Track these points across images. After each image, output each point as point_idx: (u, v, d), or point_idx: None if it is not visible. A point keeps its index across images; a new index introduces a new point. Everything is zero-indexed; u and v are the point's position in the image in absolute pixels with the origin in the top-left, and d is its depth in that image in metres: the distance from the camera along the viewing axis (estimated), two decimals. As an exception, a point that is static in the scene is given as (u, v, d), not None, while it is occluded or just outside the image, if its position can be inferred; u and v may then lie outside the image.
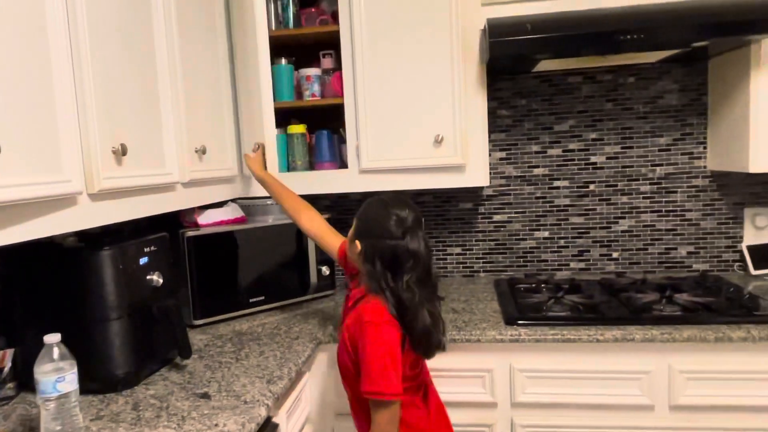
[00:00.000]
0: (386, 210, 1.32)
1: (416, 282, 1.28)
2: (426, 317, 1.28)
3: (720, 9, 1.69)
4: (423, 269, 1.30)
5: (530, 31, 1.73)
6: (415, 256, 1.28)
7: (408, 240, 1.28)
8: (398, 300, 1.28)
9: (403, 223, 1.29)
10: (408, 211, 1.31)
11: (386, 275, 1.29)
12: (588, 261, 2.29)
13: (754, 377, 1.60)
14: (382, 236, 1.30)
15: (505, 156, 2.30)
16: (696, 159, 2.18)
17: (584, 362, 1.66)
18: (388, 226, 1.30)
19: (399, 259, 1.28)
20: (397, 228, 1.29)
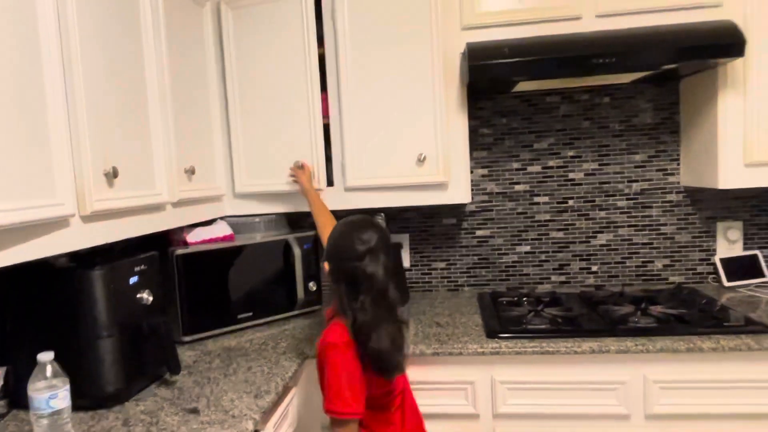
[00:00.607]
0: (351, 232, 1.37)
1: (371, 303, 1.31)
2: (383, 338, 1.30)
3: (686, 34, 1.78)
4: (378, 291, 1.32)
5: (508, 55, 1.81)
6: (371, 278, 1.31)
7: (366, 262, 1.32)
8: (354, 320, 1.32)
9: (364, 245, 1.33)
10: (371, 233, 1.35)
11: (347, 296, 1.34)
12: (568, 274, 2.35)
13: (724, 386, 1.66)
14: (345, 257, 1.35)
15: (487, 173, 2.37)
16: (670, 175, 2.27)
17: (563, 374, 1.72)
18: (350, 247, 1.34)
19: (357, 280, 1.32)
20: (357, 250, 1.33)
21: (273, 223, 2.15)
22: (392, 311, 1.36)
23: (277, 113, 2.05)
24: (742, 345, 1.63)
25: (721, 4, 1.87)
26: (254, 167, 2.09)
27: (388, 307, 1.34)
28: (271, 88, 2.05)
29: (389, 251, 1.39)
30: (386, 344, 1.31)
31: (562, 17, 1.92)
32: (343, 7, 1.99)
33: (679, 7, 1.88)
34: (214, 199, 2.02)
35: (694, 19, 1.87)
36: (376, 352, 1.31)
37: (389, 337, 1.32)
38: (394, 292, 1.35)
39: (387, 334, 1.32)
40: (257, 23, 2.03)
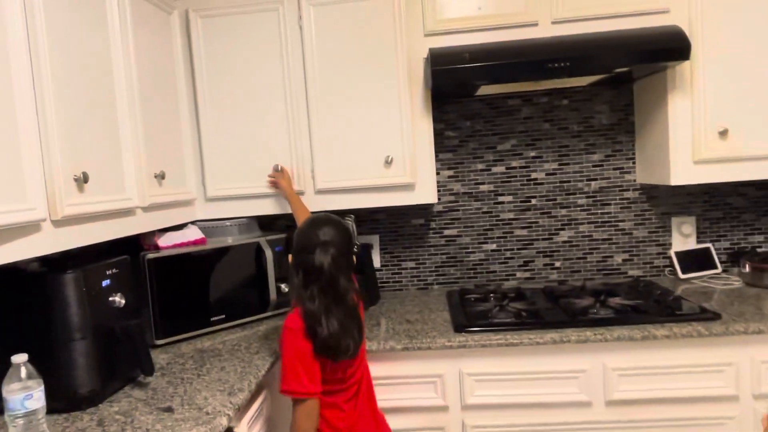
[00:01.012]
0: (310, 228, 1.48)
1: (319, 292, 1.42)
2: (333, 324, 1.41)
3: (636, 39, 1.88)
4: (326, 281, 1.43)
5: (468, 60, 1.89)
6: (320, 268, 1.42)
7: (317, 254, 1.42)
8: (305, 308, 1.43)
9: (318, 239, 1.44)
10: (328, 228, 1.46)
11: (301, 285, 1.45)
12: (533, 270, 2.44)
13: (678, 371, 1.76)
14: (300, 250, 1.47)
15: (453, 174, 2.44)
16: (626, 173, 2.37)
17: (527, 364, 1.79)
18: (306, 241, 1.46)
19: (308, 271, 1.44)
20: (311, 243, 1.44)
21: (244, 227, 2.19)
22: (342, 300, 1.45)
23: (251, 119, 2.10)
24: (693, 332, 1.73)
25: (668, 10, 1.98)
26: (226, 171, 2.12)
27: (336, 295, 1.44)
28: (244, 94, 2.09)
29: (346, 246, 1.48)
30: (335, 328, 1.41)
31: (520, 23, 2.01)
32: (309, 15, 2.04)
33: (630, 13, 1.99)
34: (184, 204, 2.04)
35: (644, 24, 1.97)
36: (325, 337, 1.41)
37: (338, 322, 1.42)
38: (345, 283, 1.45)
39: (336, 320, 1.42)
40: (229, 31, 2.07)
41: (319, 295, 1.42)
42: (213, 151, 2.12)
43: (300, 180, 2.10)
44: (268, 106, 2.09)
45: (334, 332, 1.41)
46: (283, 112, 2.08)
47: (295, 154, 2.09)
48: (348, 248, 1.50)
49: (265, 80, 2.08)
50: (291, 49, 2.06)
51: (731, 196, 2.36)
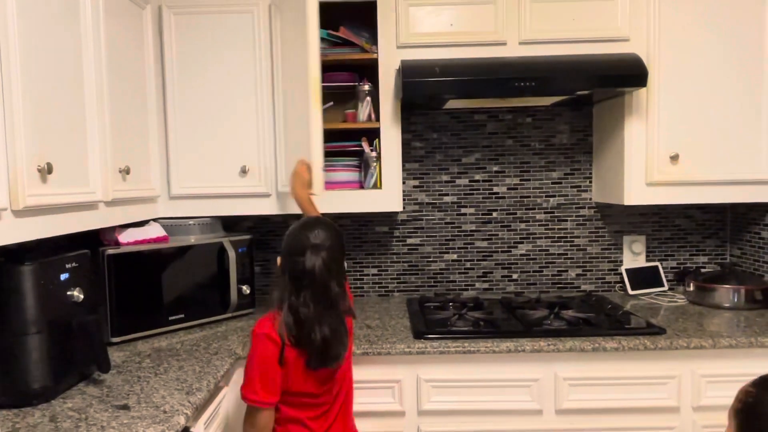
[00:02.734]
0: (301, 230, 1.44)
1: (312, 298, 1.39)
2: (325, 330, 1.39)
3: (597, 64, 1.98)
4: (318, 287, 1.39)
5: (438, 74, 1.94)
6: (310, 273, 1.38)
7: (307, 257, 1.39)
8: (296, 314, 1.39)
9: (309, 241, 1.40)
10: (319, 231, 1.42)
11: (290, 290, 1.41)
12: (491, 281, 2.50)
13: (625, 382, 1.84)
14: (290, 253, 1.43)
15: (418, 184, 2.49)
16: (583, 192, 2.47)
17: (482, 372, 1.84)
18: (296, 244, 1.42)
19: (298, 275, 1.39)
20: (301, 245, 1.40)
21: (208, 226, 2.17)
22: (334, 306, 1.41)
23: (221, 118, 2.09)
24: (640, 345, 1.81)
25: (628, 39, 2.09)
26: (192, 170, 2.11)
27: (328, 301, 1.40)
28: (214, 93, 2.09)
29: (339, 250, 1.44)
30: (326, 335, 1.38)
31: (489, 42, 2.08)
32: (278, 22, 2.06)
33: (593, 39, 2.09)
34: (148, 200, 2.02)
35: (606, 50, 2.07)
36: (320, 344, 1.38)
37: (330, 329, 1.39)
38: (336, 288, 1.41)
39: (328, 327, 1.39)
40: (202, 30, 2.07)
41: (312, 301, 1.38)
42: (180, 148, 2.10)
43: (267, 182, 2.11)
44: (238, 106, 2.09)
45: (327, 339, 1.38)
46: (253, 114, 2.09)
47: (263, 156, 2.10)
48: (340, 252, 1.46)
49: (237, 81, 2.08)
50: (263, 51, 2.07)
51: (679, 217, 2.49)
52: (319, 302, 1.39)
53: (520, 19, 2.08)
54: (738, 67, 2.08)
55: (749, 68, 2.08)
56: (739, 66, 2.08)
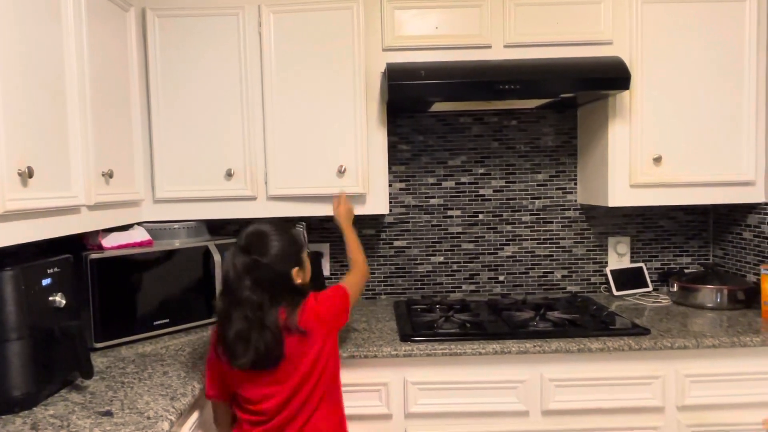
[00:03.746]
0: (242, 231, 1.51)
1: (220, 297, 1.46)
2: (234, 327, 1.40)
3: (581, 67, 2.00)
4: (224, 286, 1.45)
5: (424, 77, 1.95)
6: (224, 273, 1.46)
7: (226, 255, 1.51)
8: (215, 310, 1.50)
9: (236, 242, 1.48)
10: (242, 235, 1.48)
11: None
12: (478, 283, 2.51)
13: (610, 383, 1.85)
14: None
15: (404, 186, 2.49)
16: (568, 194, 2.49)
17: (469, 374, 1.85)
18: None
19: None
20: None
21: (193, 230, 2.16)
22: (239, 306, 1.40)
23: (205, 121, 2.08)
24: (624, 346, 1.83)
25: (612, 42, 2.11)
26: (176, 173, 2.09)
27: (234, 301, 1.41)
28: (199, 96, 2.08)
29: (269, 255, 1.42)
30: (231, 335, 1.41)
31: (474, 45, 2.09)
32: (269, 22, 2.06)
33: (577, 42, 2.10)
34: (132, 204, 2.00)
35: (590, 53, 2.09)
36: (223, 340, 1.43)
37: (234, 330, 1.40)
38: (247, 292, 1.40)
39: (233, 328, 1.40)
40: (187, 32, 2.06)
41: (221, 299, 1.45)
42: (164, 152, 2.09)
43: (253, 186, 2.10)
44: (224, 109, 2.08)
45: (230, 338, 1.41)
46: (239, 117, 2.08)
47: (249, 160, 2.09)
48: (273, 258, 1.43)
49: (222, 84, 2.07)
50: (249, 54, 2.07)
51: (663, 219, 2.52)
52: (229, 302, 1.42)
53: (504, 23, 2.09)
54: (719, 71, 2.11)
55: (730, 71, 2.11)
56: (720, 69, 2.11)
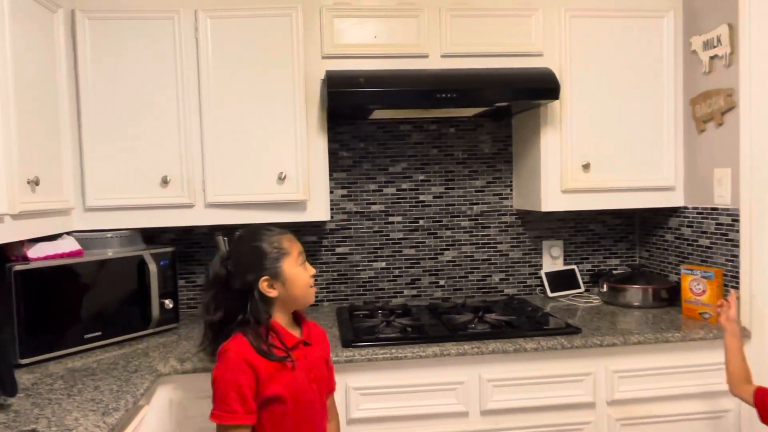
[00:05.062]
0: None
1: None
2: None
3: (513, 78, 2.08)
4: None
5: (363, 85, 1.97)
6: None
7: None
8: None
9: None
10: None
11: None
12: (419, 288, 2.55)
13: (545, 381, 1.92)
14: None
15: (346, 193, 2.50)
16: (504, 199, 2.57)
17: (410, 377, 1.87)
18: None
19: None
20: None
21: (127, 239, 2.09)
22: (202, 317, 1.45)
23: (140, 127, 2.03)
24: (557, 345, 1.90)
25: (542, 54, 2.20)
26: (109, 180, 2.03)
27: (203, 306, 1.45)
28: (133, 101, 2.03)
29: (213, 267, 1.43)
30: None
31: (412, 54, 2.14)
32: (206, 26, 2.03)
33: (510, 53, 2.18)
34: (60, 213, 1.92)
35: (522, 65, 2.17)
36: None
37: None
38: (205, 298, 1.43)
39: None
40: (119, 35, 2.01)
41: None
42: (95, 158, 2.02)
43: (190, 193, 2.06)
44: (159, 115, 2.03)
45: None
46: (175, 123, 2.04)
47: (185, 166, 2.05)
48: (237, 266, 1.41)
49: (157, 89, 2.03)
50: (186, 59, 2.04)
51: (594, 223, 2.64)
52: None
53: (441, 33, 2.15)
54: (641, 82, 2.24)
55: (651, 83, 2.24)
56: (643, 81, 2.24)
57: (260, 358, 1.34)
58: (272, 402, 1.35)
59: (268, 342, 1.37)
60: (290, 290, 1.42)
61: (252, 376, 1.32)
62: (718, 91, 2.08)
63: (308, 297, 1.48)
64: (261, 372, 1.33)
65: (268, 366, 1.34)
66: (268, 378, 1.33)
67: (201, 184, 2.07)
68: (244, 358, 1.32)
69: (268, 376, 1.34)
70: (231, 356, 1.33)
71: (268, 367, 1.34)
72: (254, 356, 1.33)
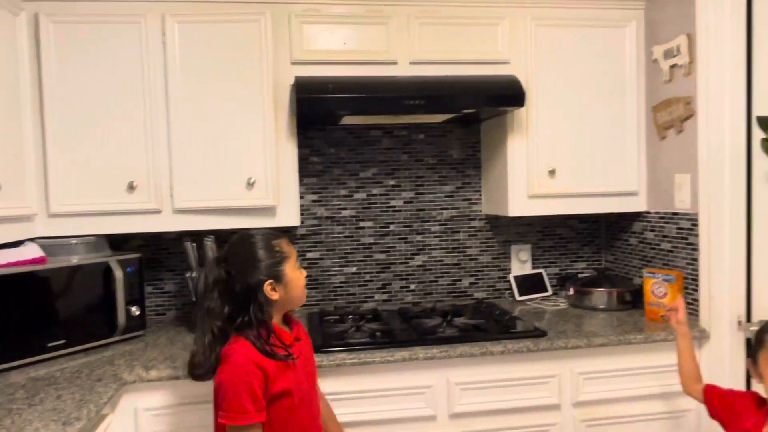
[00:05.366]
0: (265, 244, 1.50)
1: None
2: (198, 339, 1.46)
3: (480, 85, 2.11)
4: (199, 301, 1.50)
5: (332, 91, 1.99)
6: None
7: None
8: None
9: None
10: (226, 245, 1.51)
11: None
12: (390, 293, 2.57)
13: (512, 383, 1.95)
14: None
15: (317, 198, 2.51)
16: (474, 204, 2.61)
17: (378, 382, 1.88)
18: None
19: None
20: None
21: (92, 245, 2.06)
22: (202, 320, 1.46)
23: (106, 132, 2.00)
24: (524, 348, 1.93)
25: (509, 62, 2.24)
26: (74, 186, 2.00)
27: (200, 314, 1.47)
28: (98, 106, 2.00)
29: (221, 263, 1.46)
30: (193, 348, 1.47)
31: (381, 61, 2.16)
32: (174, 31, 2.02)
33: (478, 61, 2.22)
34: (23, 219, 1.89)
35: (489, 72, 2.21)
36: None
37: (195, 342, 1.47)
38: (206, 302, 1.44)
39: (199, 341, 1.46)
40: (85, 40, 1.98)
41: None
42: (60, 163, 1.98)
43: (157, 199, 2.04)
44: (126, 120, 2.01)
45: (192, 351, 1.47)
46: (141, 128, 2.02)
47: (153, 172, 2.03)
48: (240, 269, 1.46)
49: (123, 93, 2.01)
50: (152, 63, 2.02)
51: (561, 227, 2.69)
52: (199, 315, 1.45)
53: (410, 40, 2.17)
54: (605, 90, 2.30)
55: (615, 91, 2.30)
56: (606, 89, 2.29)
57: (265, 358, 1.39)
58: (280, 397, 1.42)
59: (270, 342, 1.41)
60: (290, 292, 1.48)
61: (261, 377, 1.37)
62: (678, 99, 2.14)
63: (303, 298, 1.55)
64: (269, 371, 1.39)
65: (273, 365, 1.40)
66: (274, 377, 1.40)
67: (168, 190, 2.05)
68: (252, 360, 1.37)
69: (274, 374, 1.40)
70: (239, 359, 1.37)
71: (273, 366, 1.40)
72: (260, 357, 1.38)
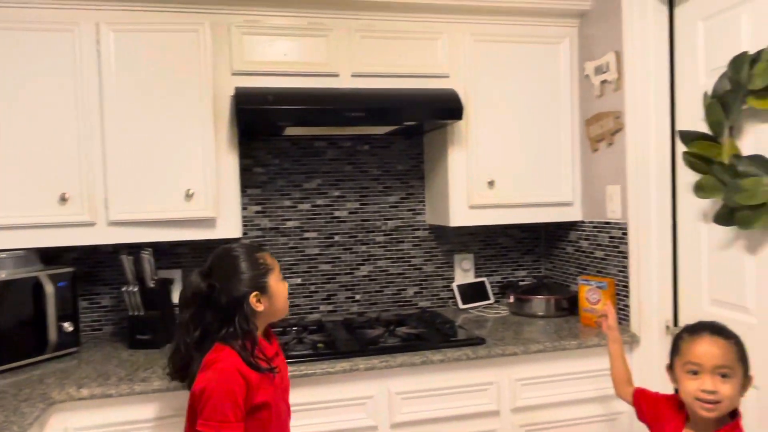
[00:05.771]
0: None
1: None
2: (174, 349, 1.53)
3: (419, 98, 2.16)
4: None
5: (272, 102, 1.99)
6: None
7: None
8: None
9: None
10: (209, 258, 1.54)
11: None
12: (335, 303, 2.57)
13: (451, 392, 1.98)
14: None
15: (260, 209, 2.49)
16: (418, 215, 2.64)
17: (320, 394, 1.88)
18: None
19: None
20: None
21: (21, 260, 1.98)
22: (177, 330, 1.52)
23: (36, 143, 1.94)
24: (463, 356, 1.97)
25: (449, 75, 2.29)
26: (2, 198, 1.92)
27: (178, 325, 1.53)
28: (28, 116, 1.94)
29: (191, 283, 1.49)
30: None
31: (322, 73, 2.17)
32: (109, 40, 1.98)
33: (418, 74, 2.26)
34: (-56, 233, 1.80)
35: (430, 85, 2.25)
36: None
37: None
38: (181, 315, 1.50)
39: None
40: (14, 47, 1.92)
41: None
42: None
43: (91, 211, 1.99)
44: (57, 130, 1.95)
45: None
46: (74, 138, 1.97)
47: (86, 183, 1.98)
48: (226, 281, 1.49)
49: (55, 103, 1.95)
50: (86, 72, 1.97)
51: (502, 236, 2.76)
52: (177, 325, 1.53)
53: (351, 53, 2.19)
54: (541, 104, 2.37)
55: (550, 105, 2.38)
56: (542, 103, 2.37)
57: (249, 369, 1.40)
58: (258, 410, 1.43)
59: (254, 354, 1.43)
60: (274, 304, 1.51)
61: (244, 386, 1.38)
62: (608, 114, 2.24)
63: (286, 310, 1.58)
64: (252, 382, 1.40)
65: (256, 377, 1.41)
66: (256, 388, 1.41)
67: (103, 202, 2.00)
68: (237, 369, 1.38)
69: (257, 386, 1.41)
70: (225, 367, 1.38)
71: (256, 378, 1.41)
72: (245, 367, 1.40)
